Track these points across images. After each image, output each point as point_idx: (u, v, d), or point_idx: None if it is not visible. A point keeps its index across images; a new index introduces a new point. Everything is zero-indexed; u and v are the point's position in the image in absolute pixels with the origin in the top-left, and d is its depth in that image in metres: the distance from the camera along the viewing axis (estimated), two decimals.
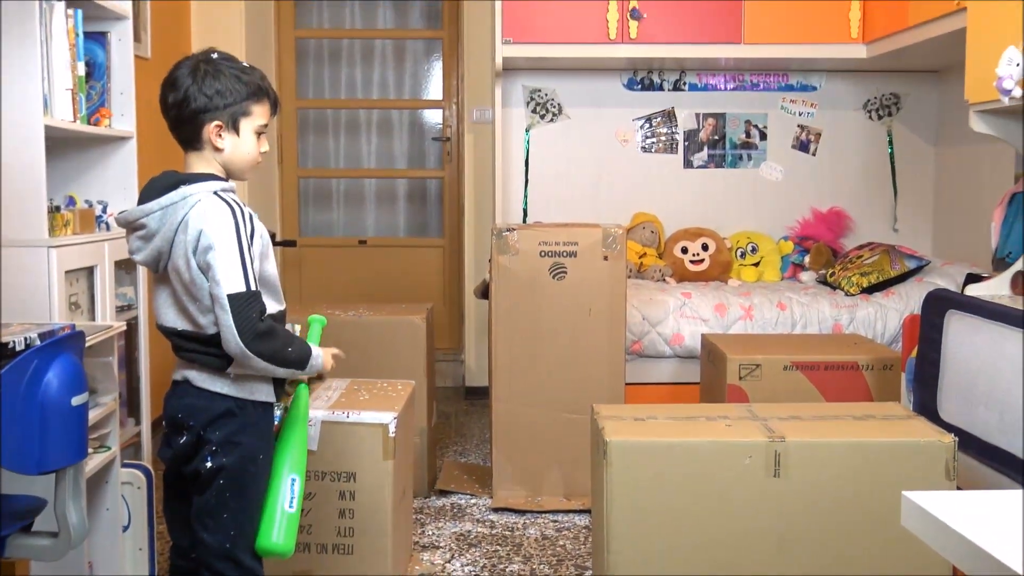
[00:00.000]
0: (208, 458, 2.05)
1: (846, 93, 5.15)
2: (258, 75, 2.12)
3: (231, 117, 2.06)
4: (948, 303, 2.93)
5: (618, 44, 4.59)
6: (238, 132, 2.08)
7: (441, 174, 5.94)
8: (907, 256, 4.57)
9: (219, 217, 1.97)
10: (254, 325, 1.95)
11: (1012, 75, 2.73)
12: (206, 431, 2.06)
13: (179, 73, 2.06)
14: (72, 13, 2.93)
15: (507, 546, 3.28)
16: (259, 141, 2.12)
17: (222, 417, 2.06)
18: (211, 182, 2.03)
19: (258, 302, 1.98)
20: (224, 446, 2.05)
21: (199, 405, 2.06)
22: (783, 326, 4.31)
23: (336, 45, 5.97)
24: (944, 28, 3.74)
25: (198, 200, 1.99)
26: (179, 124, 2.07)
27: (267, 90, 2.12)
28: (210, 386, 2.05)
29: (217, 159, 2.08)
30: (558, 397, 3.65)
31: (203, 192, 2.00)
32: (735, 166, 5.19)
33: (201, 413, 2.06)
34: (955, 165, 4.93)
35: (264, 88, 2.11)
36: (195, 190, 2.00)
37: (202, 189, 2.01)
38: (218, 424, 2.05)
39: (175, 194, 2.00)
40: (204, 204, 1.98)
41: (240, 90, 2.06)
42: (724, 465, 2.27)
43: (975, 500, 1.17)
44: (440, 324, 5.71)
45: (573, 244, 3.62)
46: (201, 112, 2.04)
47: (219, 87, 2.04)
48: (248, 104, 2.08)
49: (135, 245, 2.07)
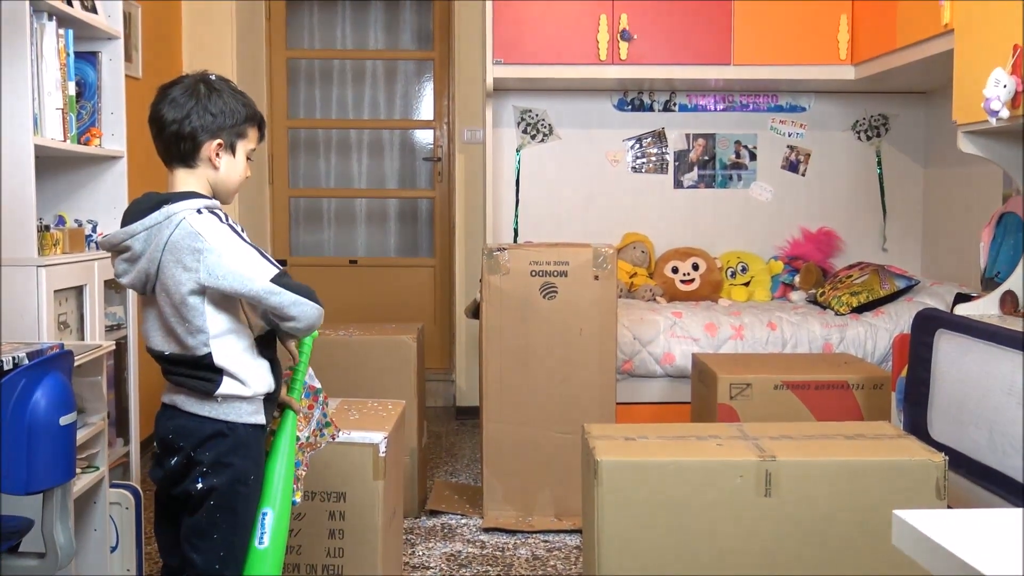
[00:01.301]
0: (199, 479, 2.04)
1: (835, 114, 5.18)
2: (251, 100, 2.15)
3: (230, 138, 2.07)
4: (938, 322, 2.94)
5: (608, 65, 4.61)
6: (234, 153, 2.09)
7: (432, 194, 5.95)
8: (897, 276, 4.59)
9: (210, 230, 1.96)
10: (305, 288, 1.99)
11: (999, 96, 2.75)
12: (196, 452, 2.05)
13: (177, 92, 2.06)
14: (63, 33, 2.93)
15: (498, 566, 3.27)
16: (247, 165, 2.14)
17: (212, 438, 2.04)
18: (194, 200, 2.01)
19: (288, 276, 2.00)
20: (214, 467, 2.04)
21: (190, 426, 2.05)
22: (773, 345, 4.31)
23: (327, 65, 5.99)
24: (932, 50, 3.76)
25: (182, 219, 1.96)
26: (177, 140, 2.04)
27: (260, 116, 2.15)
28: (198, 410, 2.04)
29: (209, 178, 2.07)
30: (549, 417, 3.64)
31: (187, 210, 1.98)
32: (725, 186, 5.21)
33: (192, 434, 2.05)
34: (944, 185, 4.95)
35: (258, 113, 2.14)
36: (178, 208, 1.98)
37: (185, 207, 1.98)
38: (208, 445, 2.04)
39: (159, 214, 1.98)
40: (187, 223, 1.96)
41: (241, 111, 2.08)
42: (715, 485, 2.27)
43: (966, 519, 1.17)
44: (431, 344, 5.70)
45: (564, 264, 3.62)
46: (203, 130, 2.04)
47: (223, 107, 2.05)
48: (246, 127, 2.09)
49: (121, 268, 2.05)
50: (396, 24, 5.96)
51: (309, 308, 1.99)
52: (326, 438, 2.31)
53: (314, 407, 2.28)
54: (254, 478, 2.09)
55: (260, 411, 2.09)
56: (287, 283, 1.97)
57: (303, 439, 2.24)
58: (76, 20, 3.02)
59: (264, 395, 2.09)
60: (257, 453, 2.10)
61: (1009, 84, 2.74)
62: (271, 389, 2.10)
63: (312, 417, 2.27)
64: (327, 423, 2.31)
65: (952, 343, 2.86)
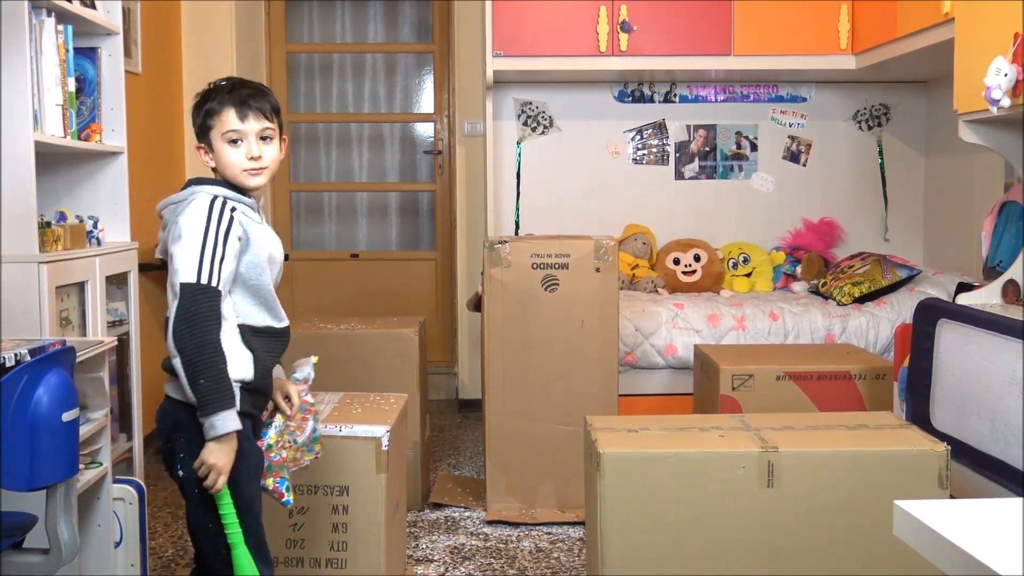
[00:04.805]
0: (179, 466, 2.05)
1: (836, 104, 5.17)
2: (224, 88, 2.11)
3: (203, 139, 2.13)
4: (940, 312, 2.94)
5: (608, 57, 4.60)
6: (212, 147, 2.12)
7: (433, 187, 5.95)
8: (898, 265, 4.59)
9: (193, 212, 2.02)
10: (191, 316, 1.94)
11: (1000, 85, 2.75)
12: (171, 437, 2.06)
13: None
14: (62, 29, 2.93)
15: (501, 559, 3.27)
16: (235, 147, 2.09)
17: (182, 422, 2.03)
18: (215, 186, 2.09)
19: (210, 299, 1.96)
20: (189, 453, 2.02)
21: (167, 410, 2.07)
22: (775, 336, 4.31)
23: (327, 59, 5.98)
24: (932, 39, 3.75)
25: (195, 198, 2.05)
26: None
27: (223, 100, 2.09)
28: (173, 393, 2.05)
29: (218, 176, 2.14)
30: (551, 409, 3.64)
31: (202, 192, 2.07)
32: (726, 177, 5.20)
33: (168, 419, 2.07)
34: (945, 175, 4.95)
35: (220, 99, 2.09)
36: (198, 190, 2.08)
37: (203, 190, 2.08)
38: (181, 429, 2.04)
39: (185, 192, 2.09)
40: (192, 202, 2.05)
41: (197, 110, 2.13)
42: (717, 476, 2.27)
43: (967, 509, 1.17)
44: (433, 337, 5.70)
45: (565, 256, 3.62)
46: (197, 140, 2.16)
47: (193, 115, 2.14)
48: (207, 120, 2.11)
49: (159, 238, 2.14)
50: (396, 17, 5.96)
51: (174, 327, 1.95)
52: (312, 455, 2.30)
53: (307, 419, 2.27)
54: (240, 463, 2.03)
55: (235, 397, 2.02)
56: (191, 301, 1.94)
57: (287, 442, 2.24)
58: (75, 16, 3.01)
59: (240, 383, 2.04)
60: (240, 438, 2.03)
61: (1010, 72, 2.74)
62: (246, 379, 2.06)
63: (306, 429, 2.26)
64: (316, 438, 2.30)
65: (954, 333, 2.85)
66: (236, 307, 2.07)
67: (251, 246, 2.07)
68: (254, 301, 2.08)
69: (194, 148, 2.15)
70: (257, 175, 2.11)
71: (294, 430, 2.24)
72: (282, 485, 2.22)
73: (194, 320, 1.95)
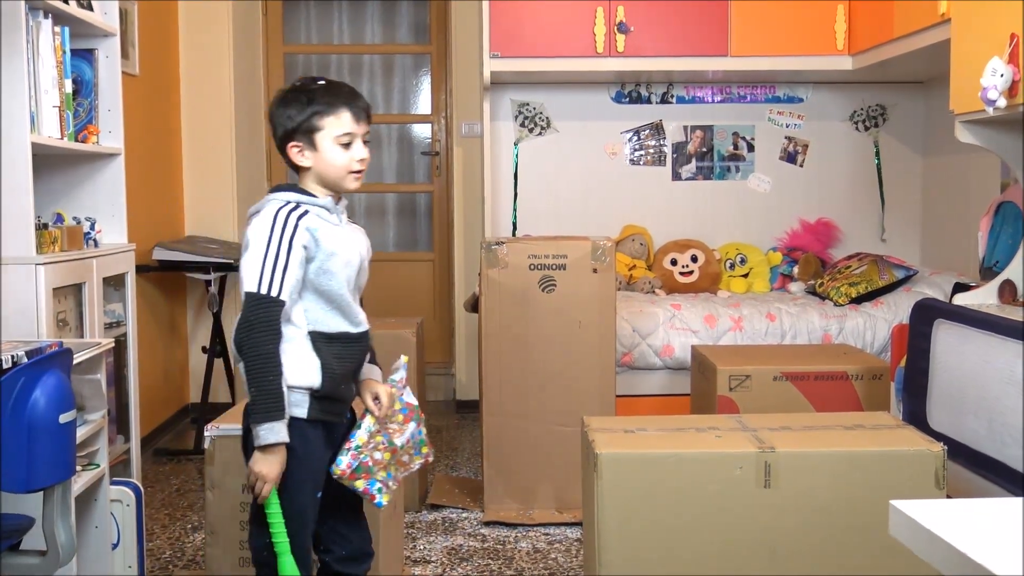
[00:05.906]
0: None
1: (833, 105, 5.17)
2: (329, 89, 2.12)
3: (303, 137, 2.10)
4: (936, 312, 2.95)
5: (605, 57, 4.60)
6: (315, 147, 2.09)
7: (430, 188, 5.95)
8: (895, 266, 4.59)
9: (260, 222, 2.04)
10: (251, 325, 1.98)
11: (996, 85, 2.75)
12: (245, 438, 2.09)
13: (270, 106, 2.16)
14: (59, 30, 2.93)
15: (499, 560, 3.28)
16: (349, 149, 2.10)
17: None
18: (285, 193, 2.10)
19: (270, 309, 1.99)
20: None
21: (246, 411, 2.08)
22: (773, 337, 4.31)
23: (325, 60, 5.98)
24: (929, 39, 3.76)
25: (265, 207, 2.07)
26: (280, 153, 2.15)
27: (335, 102, 2.09)
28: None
29: (309, 175, 2.14)
30: (549, 410, 3.64)
31: (273, 200, 2.08)
32: (723, 178, 5.21)
33: (245, 419, 2.08)
34: (942, 175, 4.95)
35: (330, 101, 2.09)
36: (270, 198, 2.10)
37: (274, 198, 2.09)
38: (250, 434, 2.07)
39: (262, 200, 2.11)
40: (261, 211, 2.07)
41: (304, 108, 2.09)
42: (714, 476, 2.27)
43: (963, 509, 1.17)
44: (430, 338, 5.70)
45: (562, 257, 3.62)
46: (276, 137, 2.13)
47: (289, 111, 2.09)
48: (315, 119, 2.08)
49: None
50: (393, 18, 5.96)
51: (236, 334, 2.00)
52: (421, 458, 2.29)
53: (409, 421, 2.26)
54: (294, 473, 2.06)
55: (302, 405, 2.06)
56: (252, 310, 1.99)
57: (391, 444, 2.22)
58: (72, 17, 3.01)
59: (308, 390, 2.06)
60: (298, 448, 2.06)
61: (1006, 73, 2.74)
62: (313, 386, 2.06)
63: (405, 431, 2.25)
64: (422, 441, 2.30)
65: (951, 333, 2.86)
66: (308, 313, 2.07)
67: (320, 251, 2.05)
68: (327, 307, 2.09)
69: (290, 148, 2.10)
70: (360, 178, 2.14)
71: (391, 432, 2.22)
72: (372, 487, 2.19)
73: (252, 329, 1.98)
